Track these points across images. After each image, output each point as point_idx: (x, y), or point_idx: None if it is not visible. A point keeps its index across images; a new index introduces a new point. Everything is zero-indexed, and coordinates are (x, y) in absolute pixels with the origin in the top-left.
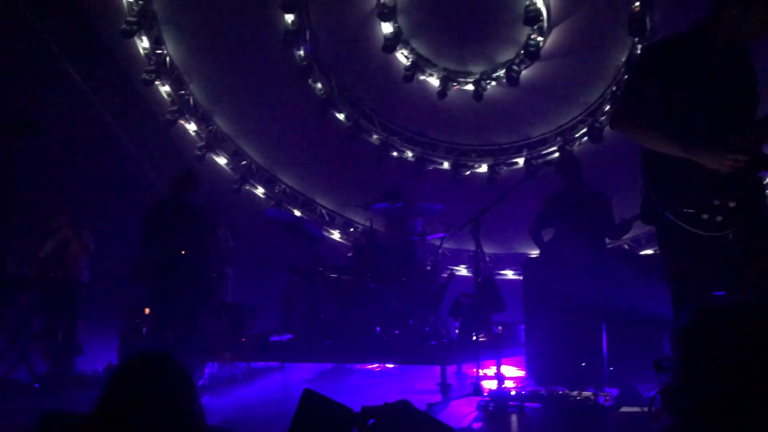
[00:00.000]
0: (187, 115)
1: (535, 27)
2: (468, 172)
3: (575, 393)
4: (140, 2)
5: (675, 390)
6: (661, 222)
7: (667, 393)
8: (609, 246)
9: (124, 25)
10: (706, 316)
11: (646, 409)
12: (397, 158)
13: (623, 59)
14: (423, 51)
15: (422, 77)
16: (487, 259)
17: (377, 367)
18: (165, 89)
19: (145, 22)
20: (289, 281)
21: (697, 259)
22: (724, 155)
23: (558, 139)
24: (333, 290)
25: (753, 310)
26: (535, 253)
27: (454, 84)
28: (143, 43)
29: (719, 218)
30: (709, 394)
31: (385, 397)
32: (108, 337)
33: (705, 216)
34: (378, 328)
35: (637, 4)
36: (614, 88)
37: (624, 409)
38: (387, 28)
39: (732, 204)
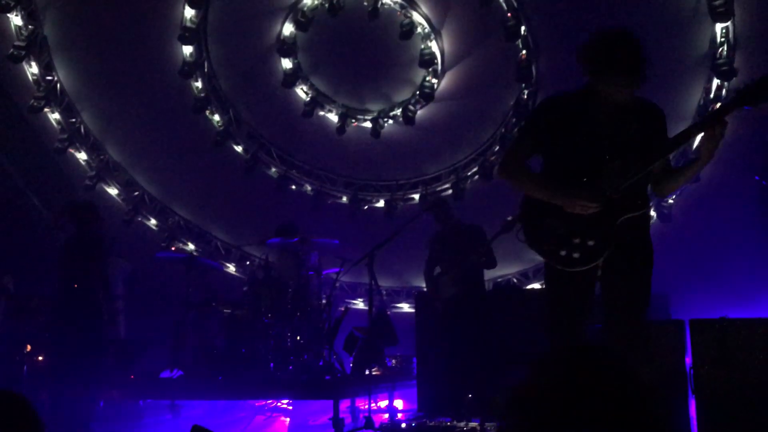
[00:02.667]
0: (77, 144)
1: (430, 70)
2: (366, 207)
3: (462, 424)
4: (30, 26)
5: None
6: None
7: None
8: (499, 280)
9: (12, 50)
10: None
11: None
12: (295, 192)
13: (512, 103)
14: (322, 87)
15: (321, 113)
16: (384, 292)
17: (271, 403)
18: (55, 117)
19: (35, 47)
20: (181, 316)
21: (566, 294)
22: (575, 201)
23: (451, 176)
24: (226, 325)
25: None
26: None
27: (353, 121)
28: (32, 69)
29: (576, 255)
30: None
31: None
32: None
33: (563, 253)
34: (272, 364)
35: (524, 52)
36: (503, 130)
37: None
38: (287, 63)
39: (590, 243)
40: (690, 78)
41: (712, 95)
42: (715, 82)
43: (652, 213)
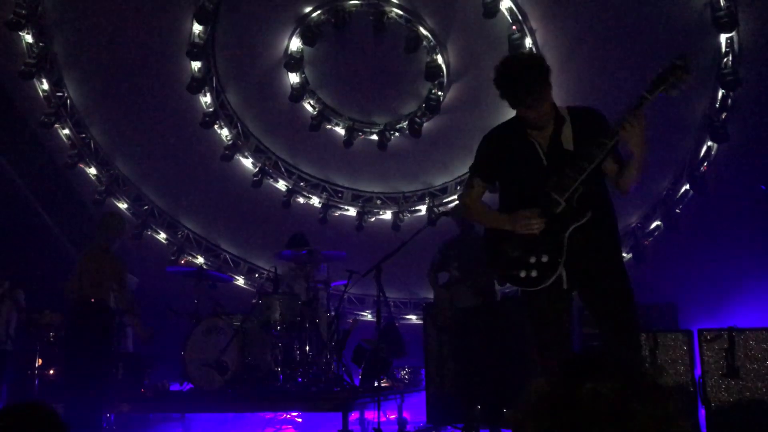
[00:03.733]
0: (87, 159)
1: (436, 82)
2: (373, 219)
3: None
4: (40, 44)
5: None
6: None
7: None
8: (507, 291)
9: (23, 67)
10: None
11: None
12: (303, 204)
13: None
14: (329, 101)
15: (328, 126)
16: (392, 304)
17: (281, 415)
18: (65, 132)
19: (45, 63)
20: (191, 329)
21: (542, 311)
22: (517, 220)
23: (458, 188)
24: (235, 338)
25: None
26: None
27: (360, 134)
28: (43, 85)
29: (534, 274)
30: None
31: None
32: None
33: (522, 274)
34: (281, 376)
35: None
36: None
37: None
38: (294, 78)
39: (544, 259)
40: (695, 88)
41: (717, 105)
42: (720, 92)
43: (659, 222)
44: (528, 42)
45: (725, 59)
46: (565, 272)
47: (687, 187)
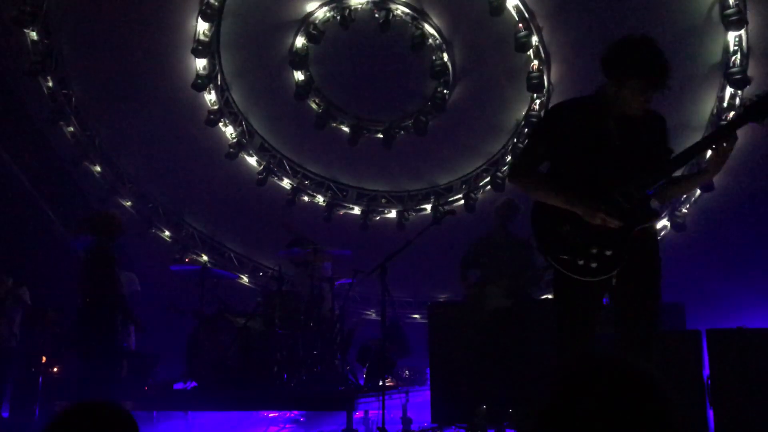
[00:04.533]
0: (92, 157)
1: (442, 81)
2: (378, 218)
3: None
4: (45, 41)
5: None
6: (551, 266)
7: None
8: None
9: (28, 64)
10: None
11: None
12: (308, 203)
13: (523, 113)
14: (334, 99)
15: (333, 124)
16: (396, 303)
17: (284, 414)
18: (69, 129)
19: (50, 61)
20: (195, 327)
21: (577, 303)
22: (596, 213)
23: (463, 187)
24: (240, 336)
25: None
26: (441, 297)
27: (365, 132)
28: (48, 83)
29: (594, 265)
30: None
31: None
32: None
33: (580, 262)
34: (285, 375)
35: (535, 63)
36: (515, 140)
37: None
38: (299, 75)
39: (608, 252)
40: (703, 87)
41: (725, 104)
42: (729, 90)
43: (666, 222)
44: (534, 40)
45: (733, 58)
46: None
47: None
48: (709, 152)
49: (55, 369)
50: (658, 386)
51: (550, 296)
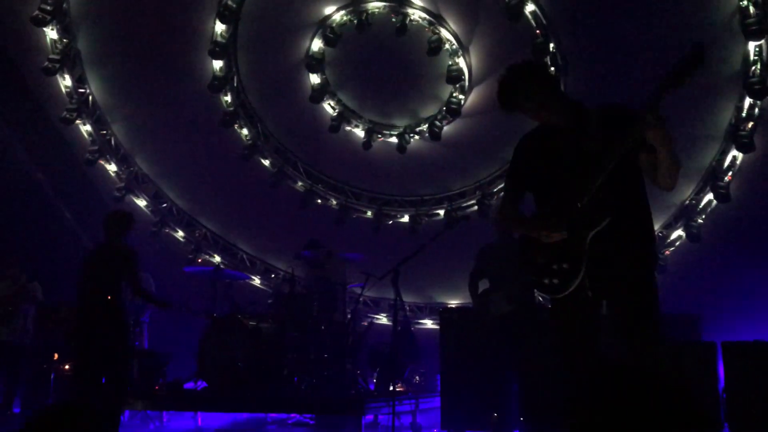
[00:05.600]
0: (107, 156)
1: (457, 86)
2: (390, 222)
3: None
4: (64, 40)
5: None
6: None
7: None
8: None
9: (46, 63)
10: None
11: None
12: (320, 206)
13: None
14: (349, 103)
15: (348, 128)
16: (407, 308)
17: (293, 416)
18: (86, 128)
19: (69, 60)
20: (206, 328)
21: (568, 319)
22: (539, 232)
23: (477, 192)
24: (251, 338)
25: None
26: (453, 303)
27: (379, 136)
28: (65, 81)
29: (555, 281)
30: None
31: None
32: None
33: (546, 281)
34: (295, 378)
35: (552, 69)
36: None
37: None
38: (315, 79)
39: (565, 266)
40: (721, 96)
41: (743, 114)
42: (747, 101)
43: (681, 233)
44: (552, 46)
45: (753, 67)
46: (589, 280)
47: (710, 197)
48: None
49: (67, 366)
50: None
51: None
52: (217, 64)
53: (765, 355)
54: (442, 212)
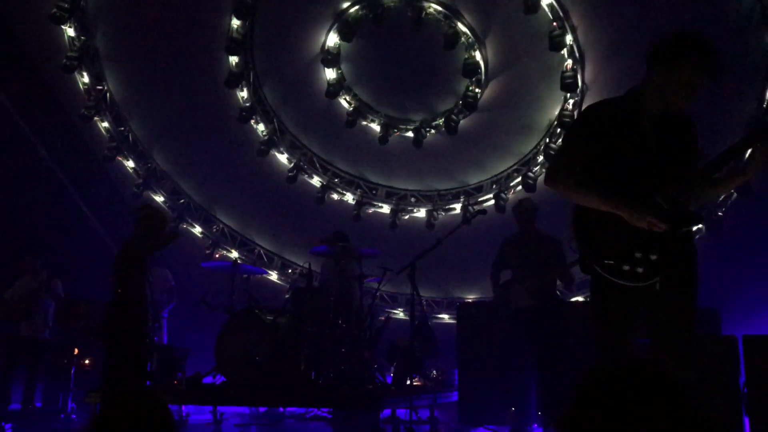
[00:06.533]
0: (125, 152)
1: (474, 79)
2: (407, 217)
3: None
4: (82, 38)
5: None
6: (591, 271)
7: None
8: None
9: (64, 60)
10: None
11: None
12: (337, 201)
13: (556, 113)
14: (365, 97)
15: (364, 123)
16: (424, 303)
17: (311, 411)
18: (104, 125)
19: (87, 57)
20: (224, 323)
21: (618, 308)
22: (644, 216)
23: (494, 187)
24: (268, 333)
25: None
26: (470, 297)
27: (395, 131)
28: (83, 79)
29: (640, 270)
30: None
31: None
32: None
33: (626, 267)
34: (312, 372)
35: (569, 62)
36: (547, 140)
37: None
38: (330, 74)
39: (653, 257)
40: (743, 86)
41: (765, 105)
42: None
43: (701, 225)
44: (569, 39)
45: None
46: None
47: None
48: (749, 153)
49: (87, 361)
50: (692, 394)
51: (580, 299)
52: (233, 60)
53: None
54: (458, 207)
